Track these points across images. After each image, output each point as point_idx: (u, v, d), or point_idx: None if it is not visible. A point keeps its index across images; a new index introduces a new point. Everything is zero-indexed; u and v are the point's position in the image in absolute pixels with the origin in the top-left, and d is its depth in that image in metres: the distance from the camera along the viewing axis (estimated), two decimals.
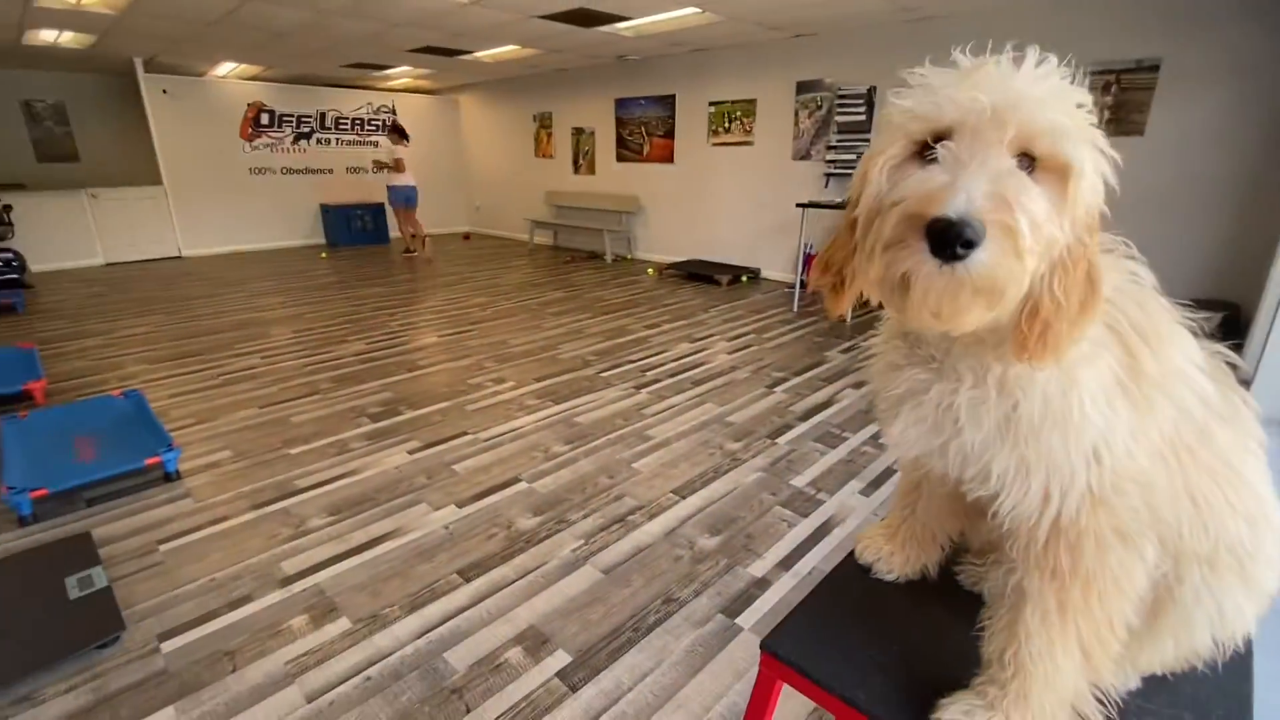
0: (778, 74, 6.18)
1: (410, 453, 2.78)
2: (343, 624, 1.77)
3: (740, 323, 4.96)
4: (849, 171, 5.82)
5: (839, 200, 5.32)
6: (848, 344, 4.40)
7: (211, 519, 2.28)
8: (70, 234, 7.30)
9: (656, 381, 3.65)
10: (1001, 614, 0.73)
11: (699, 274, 6.69)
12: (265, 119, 8.63)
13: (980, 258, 0.53)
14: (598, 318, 5.12)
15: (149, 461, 2.48)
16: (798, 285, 5.49)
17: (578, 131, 8.43)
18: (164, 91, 7.69)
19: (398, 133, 7.98)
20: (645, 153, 7.63)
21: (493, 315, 5.22)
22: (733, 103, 6.61)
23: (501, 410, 3.24)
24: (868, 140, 5.67)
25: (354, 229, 9.23)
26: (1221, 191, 4.08)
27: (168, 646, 1.69)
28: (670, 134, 7.28)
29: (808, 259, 6.02)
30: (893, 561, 0.98)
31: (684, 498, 2.41)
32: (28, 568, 1.96)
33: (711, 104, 6.79)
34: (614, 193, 8.18)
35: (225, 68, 7.86)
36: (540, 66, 7.94)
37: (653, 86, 7.31)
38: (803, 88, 6.02)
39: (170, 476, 2.55)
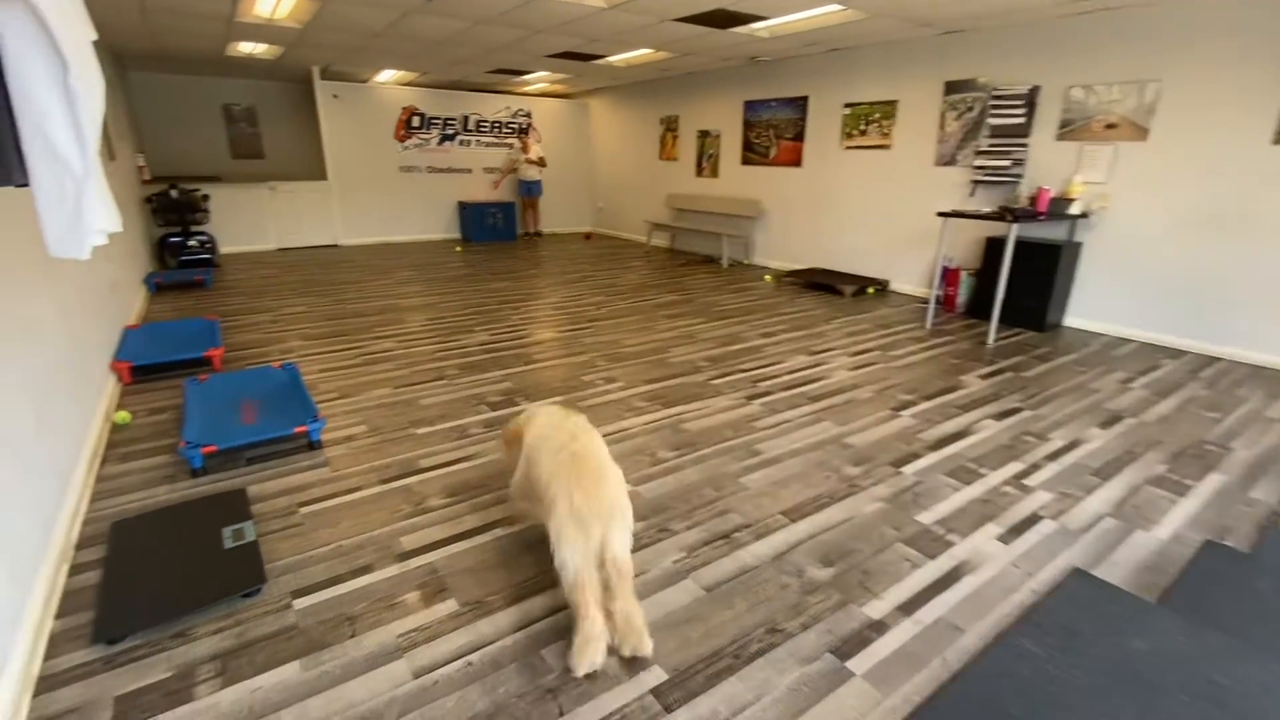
0: (923, 73, 5.77)
1: None
2: (451, 605, 1.83)
3: (864, 337, 4.67)
4: (1000, 179, 5.30)
5: (986, 210, 4.85)
6: (989, 369, 3.99)
7: (345, 489, 2.46)
8: (252, 221, 8.34)
9: (769, 394, 3.51)
10: None
11: (820, 283, 6.40)
12: (416, 121, 9.37)
13: None
14: (711, 323, 5.04)
15: (297, 430, 2.73)
16: (933, 301, 5.07)
17: (703, 134, 8.38)
18: (334, 96, 8.57)
19: (525, 136, 9.99)
20: (772, 156, 7.43)
21: (607, 315, 5.29)
22: (871, 104, 6.26)
23: (611, 410, 3.26)
24: (1024, 145, 5.14)
25: (486, 225, 9.79)
26: None
27: (299, 604, 1.83)
28: (800, 136, 7.03)
29: (946, 272, 5.57)
30: None
31: (794, 521, 2.27)
32: (194, 515, 2.21)
33: (847, 106, 6.47)
34: (736, 196, 8.04)
35: (386, 75, 8.62)
36: (671, 70, 7.98)
37: (784, 88, 7.10)
38: (952, 88, 5.57)
39: (314, 445, 2.79)
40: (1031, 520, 2.32)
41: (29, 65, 0.80)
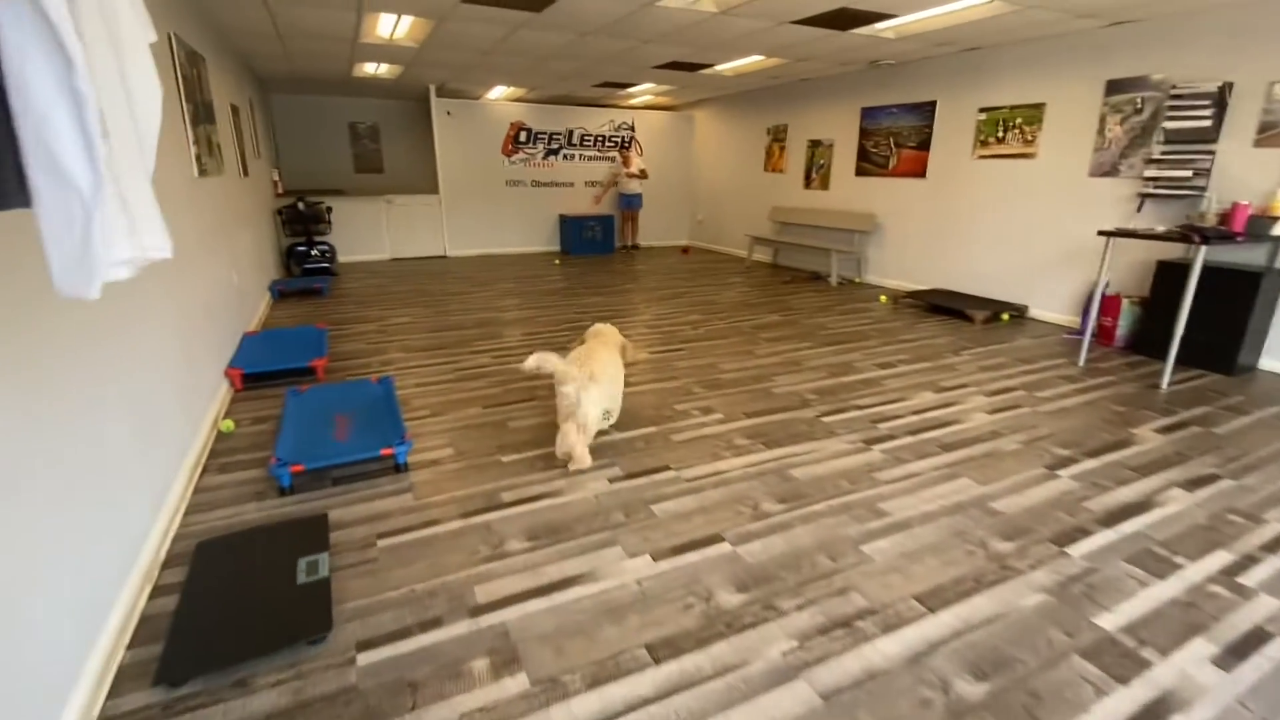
0: (1080, 71, 5.05)
1: (611, 481, 2.61)
2: (522, 681, 1.60)
3: (1003, 373, 4.07)
4: (1176, 192, 4.50)
5: (1162, 229, 4.10)
6: (1168, 420, 3.31)
7: (424, 520, 2.32)
8: (369, 232, 8.79)
9: (892, 438, 3.06)
10: None
11: (944, 306, 5.76)
12: (523, 136, 9.55)
13: None
14: (819, 349, 4.61)
15: (384, 452, 2.64)
16: (1088, 334, 4.34)
17: (814, 144, 7.91)
18: (448, 113, 8.89)
19: (626, 150, 9.98)
20: (891, 166, 6.85)
21: (704, 335, 4.99)
22: (1011, 108, 5.58)
23: (707, 447, 2.95)
24: (1210, 152, 4.33)
25: (585, 238, 9.80)
26: None
27: (363, 659, 1.67)
28: (925, 145, 6.42)
29: (1105, 301, 4.81)
30: None
31: (933, 610, 1.86)
32: (274, 541, 2.13)
33: (982, 110, 5.82)
34: (847, 210, 7.50)
35: (497, 91, 8.84)
36: (781, 77, 7.60)
37: (908, 93, 6.53)
38: (1115, 87, 4.82)
39: (399, 468, 2.69)
40: (1257, 638, 1.77)
41: (28, 61, 0.66)
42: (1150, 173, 4.63)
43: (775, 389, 3.75)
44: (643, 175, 9.82)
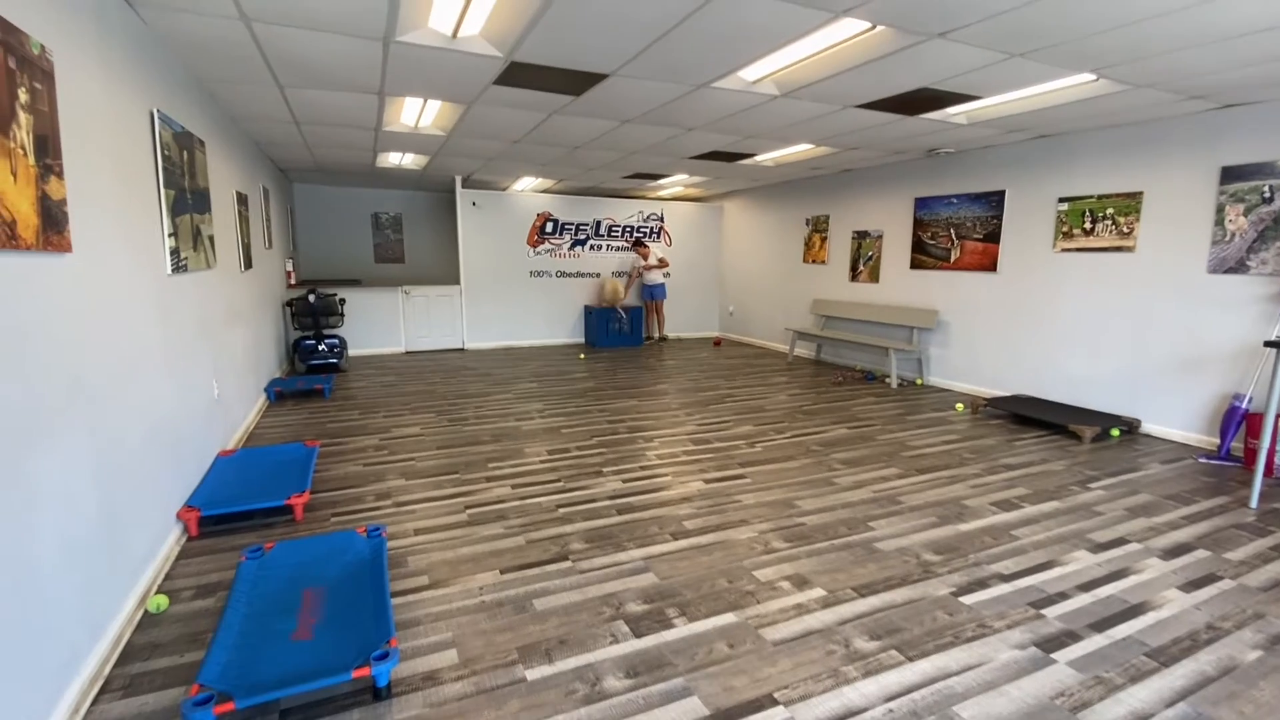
0: (1184, 157, 4.47)
1: None
2: None
3: (1161, 520, 3.19)
4: None
5: None
6: None
7: None
8: (385, 324, 8.28)
9: (1074, 637, 2.18)
10: None
11: (1034, 418, 4.94)
12: (550, 227, 9.22)
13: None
14: (911, 478, 3.77)
15: (357, 674, 1.81)
16: (1260, 469, 3.45)
17: (860, 235, 7.39)
18: (473, 204, 8.60)
19: (642, 244, 9.48)
20: (954, 259, 6.24)
21: (764, 455, 4.19)
22: (1099, 198, 4.99)
23: (819, 654, 2.08)
24: None
25: (611, 330, 9.23)
26: None
27: None
28: (994, 237, 5.82)
29: (1245, 419, 3.99)
30: None
31: None
32: None
33: (1063, 200, 5.24)
34: (903, 305, 6.85)
35: (524, 183, 8.57)
36: (823, 168, 7.20)
37: (970, 182, 6.02)
38: (1235, 174, 4.21)
39: (379, 694, 1.85)
40: None
41: None
42: None
43: (878, 543, 2.90)
44: (662, 264, 9.41)
